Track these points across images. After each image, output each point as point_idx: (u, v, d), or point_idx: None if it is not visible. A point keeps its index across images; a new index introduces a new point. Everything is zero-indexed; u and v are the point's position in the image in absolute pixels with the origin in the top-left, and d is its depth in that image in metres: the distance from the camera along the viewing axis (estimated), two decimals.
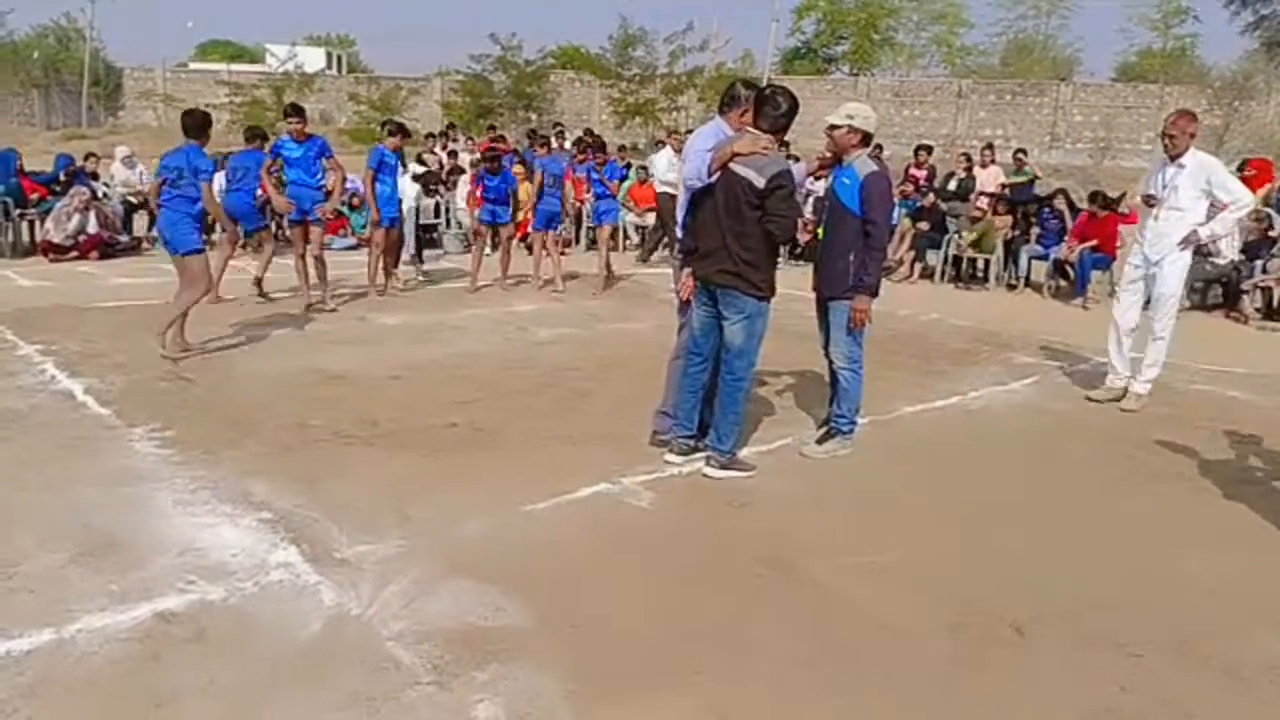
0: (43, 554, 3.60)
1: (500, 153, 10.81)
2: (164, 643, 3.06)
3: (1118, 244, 11.23)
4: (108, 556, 3.61)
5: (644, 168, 14.59)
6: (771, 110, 4.60)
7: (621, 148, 17.56)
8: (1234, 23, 29.21)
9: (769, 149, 4.53)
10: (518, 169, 12.05)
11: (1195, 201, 6.05)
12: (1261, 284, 10.29)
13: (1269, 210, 11.14)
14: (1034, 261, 11.76)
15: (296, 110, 8.98)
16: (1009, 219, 11.93)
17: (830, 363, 5.25)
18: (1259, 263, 10.39)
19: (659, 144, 17.85)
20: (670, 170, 11.21)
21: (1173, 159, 6.09)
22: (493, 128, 10.63)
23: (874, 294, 5.01)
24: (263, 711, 2.77)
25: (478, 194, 10.33)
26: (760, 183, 4.43)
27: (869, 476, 4.93)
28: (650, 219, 14.15)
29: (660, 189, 12.12)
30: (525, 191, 13.55)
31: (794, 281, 5.83)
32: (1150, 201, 6.16)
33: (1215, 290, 10.94)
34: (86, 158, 12.33)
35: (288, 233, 9.91)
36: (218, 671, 2.93)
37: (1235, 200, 5.97)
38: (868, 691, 3.00)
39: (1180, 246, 6.10)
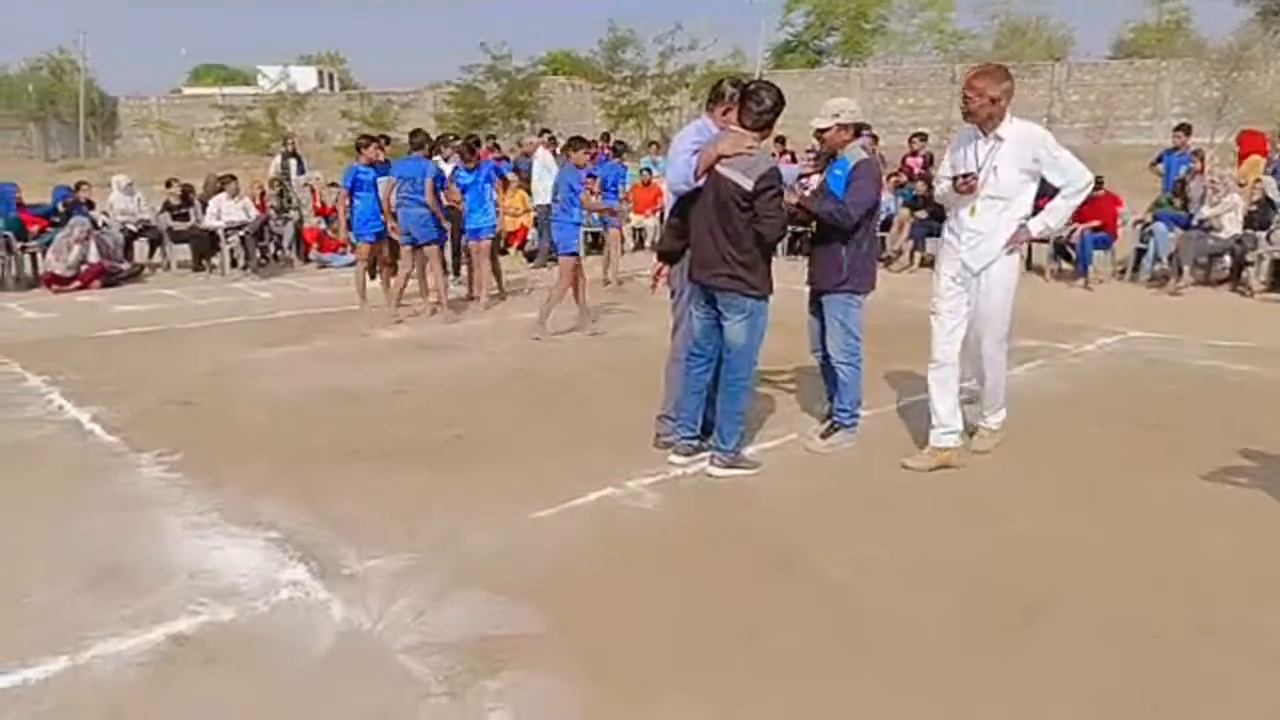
0: (55, 582, 3.63)
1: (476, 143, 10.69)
2: (177, 665, 3.08)
3: (1119, 223, 11.22)
4: (119, 582, 3.63)
5: (647, 169, 14.55)
6: (755, 106, 4.51)
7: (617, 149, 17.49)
8: None
9: (754, 148, 4.51)
10: (513, 176, 12.01)
11: (1021, 186, 4.63)
12: (1268, 255, 10.23)
13: (1269, 179, 11.10)
14: (1034, 244, 11.71)
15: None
16: None
17: (822, 358, 5.25)
18: (1263, 234, 10.34)
19: (652, 144, 17.83)
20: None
21: (985, 132, 4.63)
22: (473, 140, 10.44)
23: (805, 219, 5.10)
24: None
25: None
26: (749, 185, 4.41)
27: (874, 469, 4.93)
28: (649, 223, 14.13)
29: None
30: (522, 199, 13.59)
31: (791, 277, 5.83)
32: (967, 185, 4.64)
33: (1221, 264, 10.90)
34: (78, 187, 12.37)
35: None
36: (231, 691, 2.94)
37: (1071, 181, 4.61)
38: (882, 686, 3.00)
39: (1007, 249, 4.69)
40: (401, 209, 8.86)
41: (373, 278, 9.80)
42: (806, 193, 5.11)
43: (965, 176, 4.66)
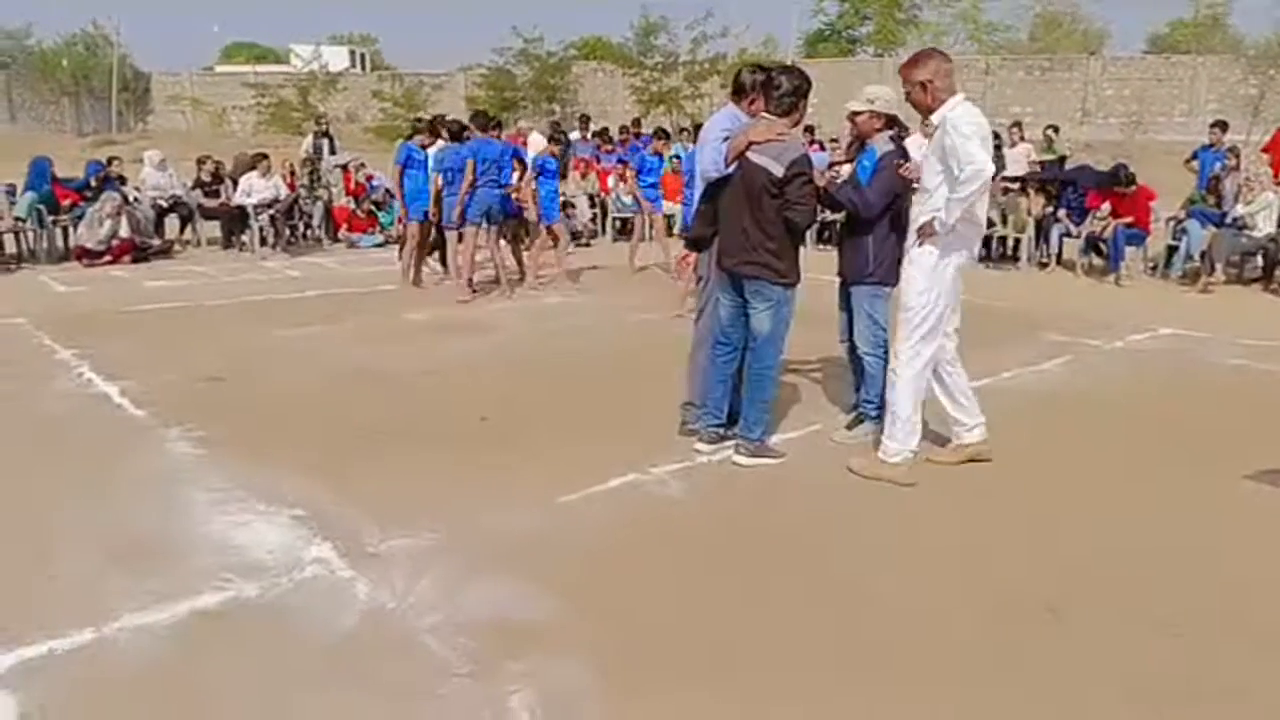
0: (82, 555, 3.67)
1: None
2: (202, 640, 3.11)
3: (1152, 218, 11.06)
4: (146, 556, 3.66)
5: (676, 156, 14.44)
6: (774, 91, 4.51)
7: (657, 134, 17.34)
8: None
9: (784, 134, 4.48)
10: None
11: (941, 177, 4.33)
12: None
13: None
14: (1065, 239, 11.59)
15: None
16: (1041, 198, 11.78)
17: (849, 349, 5.21)
18: None
19: (682, 131, 17.74)
20: None
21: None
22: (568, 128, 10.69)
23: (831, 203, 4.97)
24: (300, 705, 2.80)
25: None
26: (779, 171, 4.39)
27: None
28: (679, 209, 14.05)
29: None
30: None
31: (819, 267, 5.79)
32: (902, 172, 4.67)
33: (1253, 262, 10.74)
34: (110, 162, 12.47)
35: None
36: (255, 667, 2.96)
37: (964, 169, 4.13)
38: (904, 682, 2.98)
39: (918, 241, 4.44)
40: (483, 189, 8.90)
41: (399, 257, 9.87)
42: (839, 180, 5.06)
43: (898, 164, 4.68)
